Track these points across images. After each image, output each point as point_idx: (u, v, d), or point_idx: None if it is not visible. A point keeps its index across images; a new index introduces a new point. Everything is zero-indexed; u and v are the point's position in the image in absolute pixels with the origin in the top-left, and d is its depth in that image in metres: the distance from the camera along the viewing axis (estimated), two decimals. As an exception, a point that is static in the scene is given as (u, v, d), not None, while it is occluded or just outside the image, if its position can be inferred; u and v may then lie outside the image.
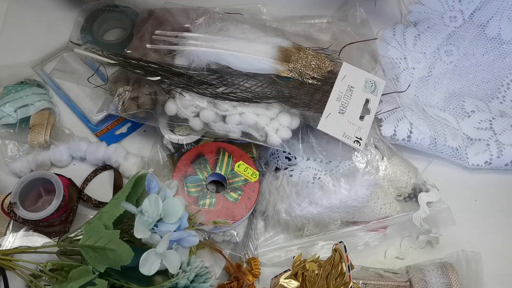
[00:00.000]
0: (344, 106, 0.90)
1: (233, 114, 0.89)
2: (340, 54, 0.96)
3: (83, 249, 0.72)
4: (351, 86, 0.92)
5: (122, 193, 0.75)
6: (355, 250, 0.94)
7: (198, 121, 0.90)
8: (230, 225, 0.86)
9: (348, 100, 0.91)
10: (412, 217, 0.92)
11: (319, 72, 0.92)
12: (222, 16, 0.98)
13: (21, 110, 0.99)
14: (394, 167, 0.95)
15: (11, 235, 0.90)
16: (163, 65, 0.90)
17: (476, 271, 0.87)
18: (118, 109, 0.91)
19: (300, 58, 0.93)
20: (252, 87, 0.90)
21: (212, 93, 0.89)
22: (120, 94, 0.92)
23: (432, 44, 1.12)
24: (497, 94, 1.09)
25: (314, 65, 0.92)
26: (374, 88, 0.93)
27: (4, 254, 0.80)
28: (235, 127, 0.90)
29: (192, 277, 0.71)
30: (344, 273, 0.78)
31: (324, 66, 0.93)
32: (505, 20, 1.10)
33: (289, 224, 0.93)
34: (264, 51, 0.92)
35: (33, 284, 0.76)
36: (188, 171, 0.91)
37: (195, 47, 0.91)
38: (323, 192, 0.89)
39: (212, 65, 0.91)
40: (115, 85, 0.93)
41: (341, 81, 0.92)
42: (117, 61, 0.92)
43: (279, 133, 0.89)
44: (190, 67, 0.91)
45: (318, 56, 0.93)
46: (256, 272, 0.90)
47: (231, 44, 0.92)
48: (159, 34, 0.95)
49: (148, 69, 0.90)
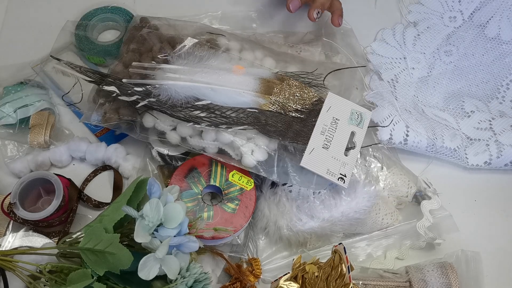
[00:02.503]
0: (329, 140, 0.88)
1: (210, 130, 0.87)
2: (325, 78, 0.95)
3: (82, 252, 0.72)
4: (336, 118, 0.90)
5: (123, 197, 0.75)
6: (357, 259, 0.94)
7: (175, 135, 0.89)
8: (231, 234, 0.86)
9: (333, 134, 0.89)
10: (416, 226, 0.92)
11: (303, 104, 0.90)
12: (204, 42, 0.96)
13: (21, 110, 0.99)
14: (394, 176, 0.95)
15: (11, 235, 0.90)
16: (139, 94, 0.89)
17: (475, 271, 0.87)
18: (99, 119, 0.91)
19: (282, 90, 0.90)
20: (227, 112, 0.88)
21: (186, 116, 0.86)
22: (102, 104, 0.91)
23: (431, 44, 1.12)
24: (496, 94, 1.09)
25: (297, 96, 0.90)
26: (360, 120, 0.91)
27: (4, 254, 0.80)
28: (211, 143, 0.88)
29: (191, 283, 0.71)
30: (344, 274, 0.78)
31: (308, 97, 0.91)
32: (504, 21, 1.10)
33: (291, 239, 0.92)
34: (245, 83, 0.90)
35: (32, 286, 0.76)
36: (183, 186, 0.89)
37: (173, 81, 0.89)
38: (324, 206, 0.89)
39: (191, 100, 0.88)
40: (98, 95, 0.92)
41: (325, 113, 0.90)
42: (94, 78, 0.90)
43: (254, 155, 0.87)
44: (168, 102, 0.88)
45: (301, 87, 0.91)
46: (257, 273, 0.90)
47: (210, 76, 0.90)
48: (136, 66, 0.92)
49: (123, 90, 0.89)
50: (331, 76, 0.95)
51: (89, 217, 0.96)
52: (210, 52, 0.93)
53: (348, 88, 0.97)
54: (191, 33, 0.99)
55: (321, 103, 0.91)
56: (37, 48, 1.10)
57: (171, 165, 0.95)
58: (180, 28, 1.01)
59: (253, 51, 0.98)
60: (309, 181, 0.88)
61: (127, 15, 1.12)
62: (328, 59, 1.04)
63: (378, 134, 0.99)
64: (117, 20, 1.12)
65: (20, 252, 0.85)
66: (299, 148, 0.88)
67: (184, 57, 0.93)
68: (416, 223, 0.93)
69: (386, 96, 1.04)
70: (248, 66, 0.93)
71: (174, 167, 0.93)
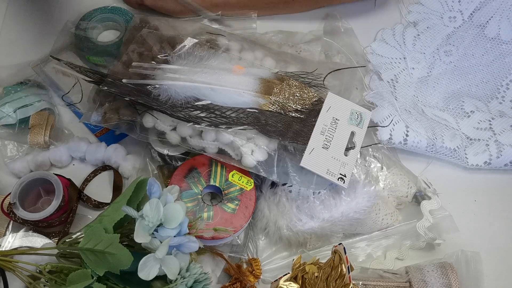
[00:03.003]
0: (329, 140, 0.88)
1: (210, 130, 0.87)
2: (325, 78, 0.95)
3: (82, 252, 0.72)
4: (336, 118, 0.90)
5: (123, 197, 0.75)
6: (357, 259, 0.94)
7: (175, 135, 0.89)
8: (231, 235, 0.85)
9: (333, 134, 0.88)
10: (416, 226, 0.92)
11: (303, 104, 0.90)
12: (204, 42, 0.96)
13: (21, 110, 0.99)
14: (394, 176, 0.95)
15: (11, 235, 0.90)
16: (140, 93, 0.89)
17: (475, 271, 0.87)
18: (99, 119, 0.90)
19: (282, 90, 0.90)
20: (227, 112, 0.88)
21: (186, 117, 0.86)
22: (102, 104, 0.91)
23: (431, 44, 1.12)
24: (496, 94, 1.09)
25: (297, 96, 0.90)
26: (360, 120, 0.91)
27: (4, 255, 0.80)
28: (211, 143, 0.88)
29: (190, 283, 0.71)
30: (344, 274, 0.78)
31: (308, 97, 0.90)
32: (504, 21, 1.10)
33: (291, 240, 0.92)
34: (245, 83, 0.90)
35: (32, 286, 0.76)
36: (183, 186, 0.89)
37: (173, 81, 0.88)
38: (324, 206, 0.88)
39: (191, 100, 0.88)
40: (98, 95, 0.92)
41: (325, 113, 0.90)
42: (94, 78, 0.90)
43: (254, 155, 0.87)
44: (168, 102, 0.88)
45: (301, 87, 0.91)
46: (257, 273, 0.90)
47: (210, 76, 0.89)
48: (136, 66, 0.92)
49: (123, 90, 0.88)
50: (331, 76, 0.95)
51: (89, 217, 0.96)
52: (210, 52, 0.93)
53: (348, 88, 0.97)
54: (191, 33, 0.98)
55: (321, 103, 0.91)
56: (37, 48, 1.09)
57: (171, 165, 0.95)
58: (180, 28, 1.01)
59: (253, 51, 0.98)
60: (309, 181, 0.88)
61: (127, 15, 1.12)
62: (328, 59, 1.04)
63: (378, 134, 0.99)
64: (117, 20, 1.12)
65: (20, 252, 0.85)
66: (299, 148, 0.88)
67: (184, 57, 0.92)
68: (416, 223, 0.92)
69: (386, 96, 1.04)
70: (248, 66, 0.93)
71: (174, 167, 0.93)
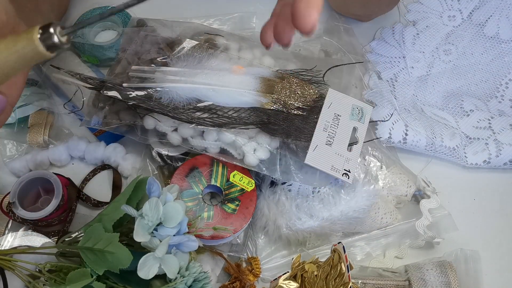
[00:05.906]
0: (331, 136, 0.88)
1: (211, 130, 0.87)
2: (325, 74, 0.94)
3: (82, 251, 0.72)
4: (338, 114, 0.90)
5: (122, 196, 0.75)
6: (356, 258, 0.94)
7: (177, 136, 0.88)
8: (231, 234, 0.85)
9: (335, 130, 0.88)
10: (416, 225, 0.92)
11: (304, 101, 0.90)
12: (202, 43, 0.95)
13: (20, 109, 0.98)
14: (393, 175, 0.95)
15: (10, 234, 0.90)
16: (141, 97, 0.88)
17: (474, 269, 0.87)
18: (100, 122, 0.90)
19: (283, 88, 0.89)
20: (230, 112, 0.87)
21: (188, 118, 0.86)
22: (102, 108, 0.91)
23: (431, 43, 1.12)
24: (495, 93, 1.09)
25: (299, 94, 0.89)
26: (362, 115, 0.91)
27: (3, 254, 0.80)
28: (213, 143, 0.88)
29: (190, 282, 0.71)
30: (343, 273, 0.78)
31: (309, 94, 0.90)
32: (503, 19, 1.10)
33: (290, 239, 0.92)
34: (246, 83, 0.89)
35: (31, 285, 0.76)
36: (183, 186, 0.89)
37: (174, 84, 0.88)
38: (323, 205, 0.88)
39: (193, 102, 0.87)
40: (97, 98, 0.92)
41: (327, 109, 0.90)
42: (94, 85, 0.90)
43: (256, 153, 0.87)
44: (170, 104, 0.87)
45: (302, 84, 0.91)
46: (256, 272, 0.90)
47: (211, 77, 0.89)
48: (136, 70, 0.91)
49: (124, 95, 0.88)
50: (331, 75, 0.95)
51: (89, 216, 0.96)
52: (209, 53, 0.93)
53: (347, 87, 0.97)
54: (188, 34, 0.98)
55: (322, 100, 0.91)
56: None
57: (171, 165, 0.95)
58: (178, 29, 1.01)
59: (251, 49, 0.98)
60: (311, 178, 0.88)
61: (124, 16, 1.11)
62: (327, 57, 1.04)
63: (377, 134, 0.99)
64: (114, 21, 1.11)
65: (19, 252, 0.85)
66: (300, 145, 0.88)
67: (184, 59, 0.92)
68: (415, 222, 0.93)
69: (385, 95, 1.04)
70: (248, 66, 0.93)
71: (174, 168, 0.93)
